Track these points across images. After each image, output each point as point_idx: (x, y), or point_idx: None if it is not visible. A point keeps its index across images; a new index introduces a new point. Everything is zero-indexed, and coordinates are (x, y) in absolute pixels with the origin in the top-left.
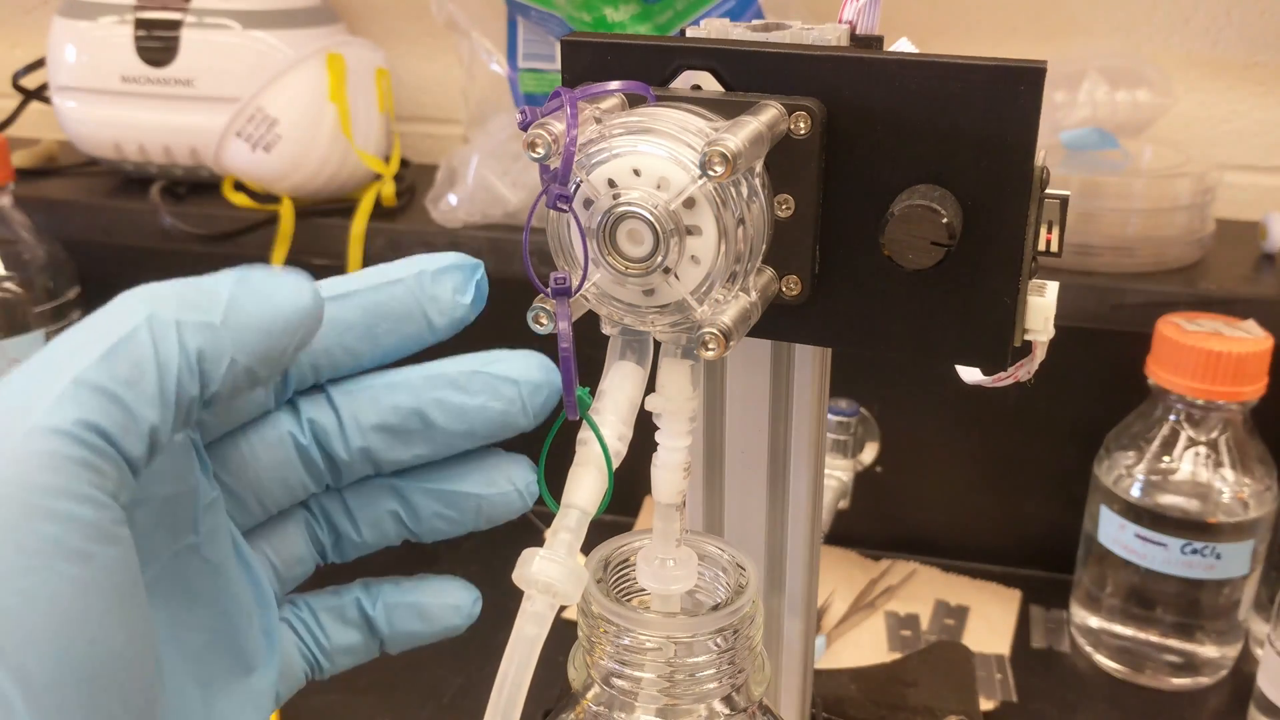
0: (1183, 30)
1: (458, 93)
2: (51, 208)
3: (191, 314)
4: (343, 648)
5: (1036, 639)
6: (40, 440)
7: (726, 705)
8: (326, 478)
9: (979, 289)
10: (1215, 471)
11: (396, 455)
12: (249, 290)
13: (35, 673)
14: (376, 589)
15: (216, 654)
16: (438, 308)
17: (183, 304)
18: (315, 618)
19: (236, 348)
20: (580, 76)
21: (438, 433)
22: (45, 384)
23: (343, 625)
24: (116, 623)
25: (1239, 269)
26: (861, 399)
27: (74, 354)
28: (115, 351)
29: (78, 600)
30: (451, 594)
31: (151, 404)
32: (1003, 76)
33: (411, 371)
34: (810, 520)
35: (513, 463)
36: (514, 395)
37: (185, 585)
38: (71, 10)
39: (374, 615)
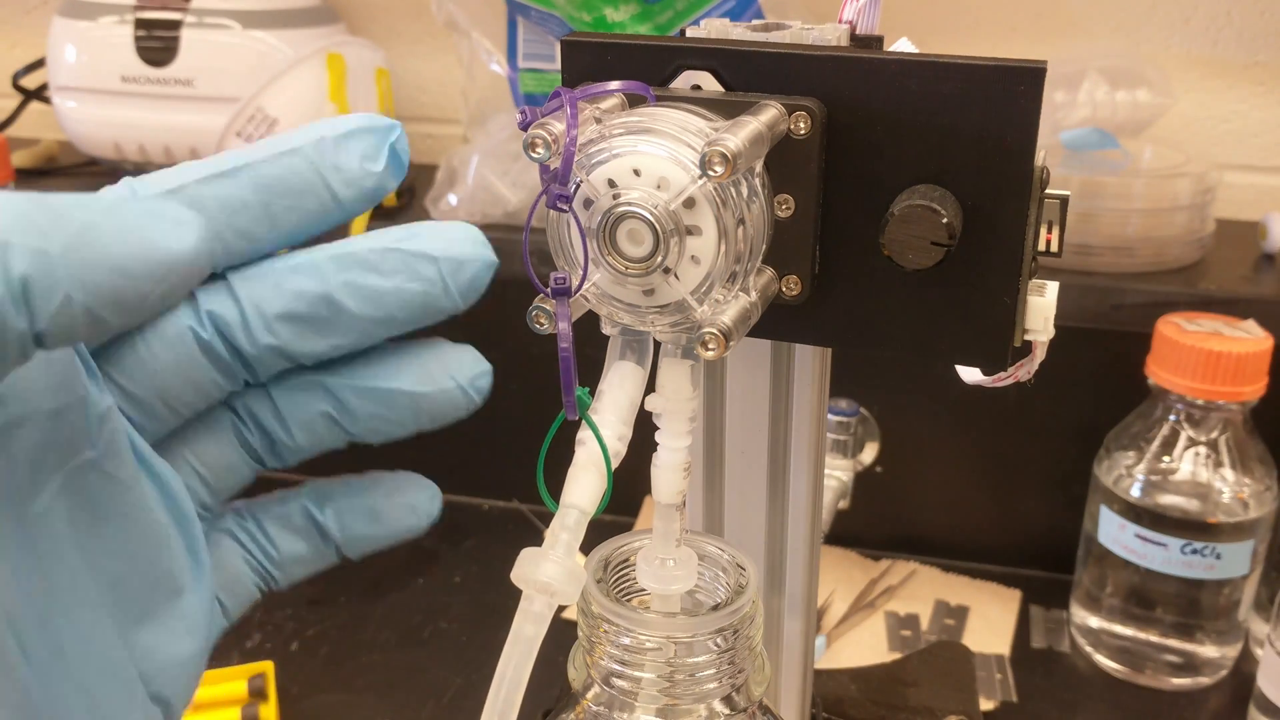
0: (1183, 30)
1: (458, 93)
2: None
3: (26, 236)
4: (293, 557)
5: (1036, 639)
6: None
7: (726, 705)
8: (241, 374)
9: (979, 289)
10: (1215, 471)
11: (310, 347)
12: (114, 221)
13: None
14: (325, 491)
15: (135, 579)
16: (342, 178)
17: (21, 222)
18: (260, 527)
19: (73, 283)
20: (580, 76)
21: (351, 319)
22: None
23: (290, 533)
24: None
25: (1239, 269)
26: (861, 399)
27: None
28: None
29: None
30: (407, 492)
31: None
32: (1003, 76)
33: (318, 252)
34: (810, 520)
35: (455, 352)
36: (433, 274)
37: (89, 507)
38: (71, 10)
39: (323, 520)
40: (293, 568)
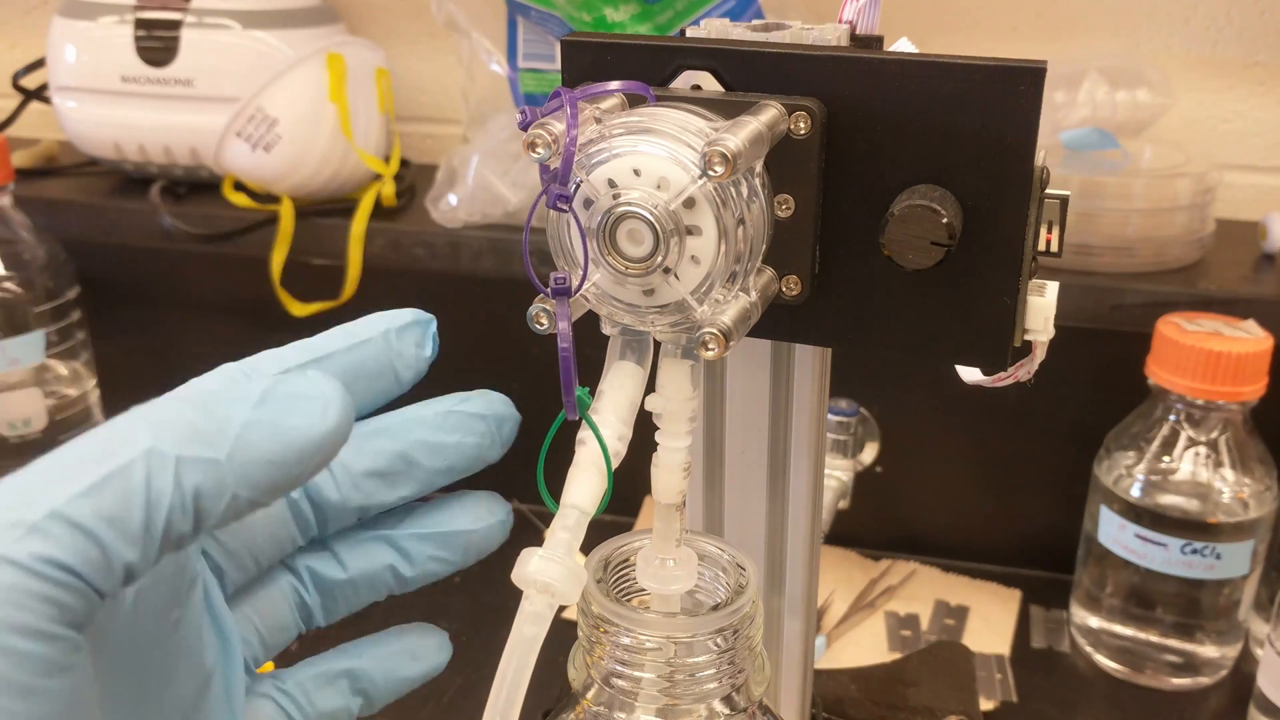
0: (1183, 30)
1: (458, 93)
2: (51, 208)
3: (195, 447)
4: (325, 713)
5: (1036, 639)
6: (2, 572)
7: (726, 705)
8: (313, 529)
9: (979, 289)
10: (1215, 471)
11: (384, 498)
12: (268, 415)
13: None
14: (359, 648)
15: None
16: (404, 363)
17: (188, 435)
18: (298, 685)
19: (240, 483)
20: (580, 76)
21: (420, 471)
22: (22, 508)
23: (326, 689)
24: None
25: (1239, 269)
26: (861, 399)
27: (62, 479)
28: (104, 484)
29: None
30: (432, 638)
31: (133, 543)
32: (1003, 76)
33: (390, 418)
34: (810, 520)
35: (489, 497)
36: (485, 429)
37: (152, 654)
38: (71, 10)
39: (361, 669)
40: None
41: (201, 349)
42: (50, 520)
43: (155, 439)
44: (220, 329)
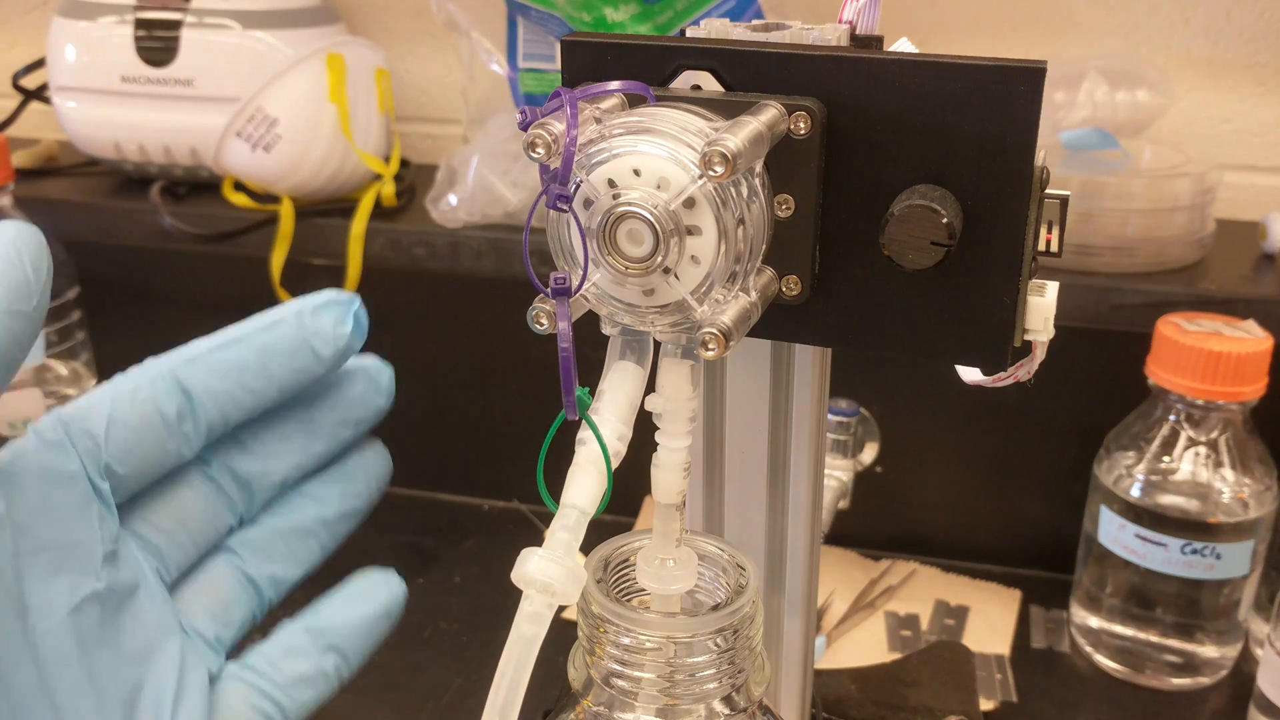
0: (1183, 30)
1: (458, 93)
2: (51, 208)
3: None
4: (298, 678)
5: (1036, 639)
6: None
7: (726, 705)
8: (240, 506)
9: (979, 289)
10: (1215, 471)
11: (300, 458)
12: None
13: None
14: (313, 606)
15: (136, 704)
16: (321, 339)
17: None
18: (264, 659)
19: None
20: (580, 76)
21: (322, 427)
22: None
23: (292, 655)
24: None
25: (1239, 269)
26: (861, 399)
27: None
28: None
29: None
30: (375, 575)
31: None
32: (1003, 76)
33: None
34: (810, 520)
35: (364, 441)
36: (365, 379)
37: (94, 632)
38: (71, 10)
39: (318, 622)
40: (297, 690)
41: None
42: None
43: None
44: (220, 329)
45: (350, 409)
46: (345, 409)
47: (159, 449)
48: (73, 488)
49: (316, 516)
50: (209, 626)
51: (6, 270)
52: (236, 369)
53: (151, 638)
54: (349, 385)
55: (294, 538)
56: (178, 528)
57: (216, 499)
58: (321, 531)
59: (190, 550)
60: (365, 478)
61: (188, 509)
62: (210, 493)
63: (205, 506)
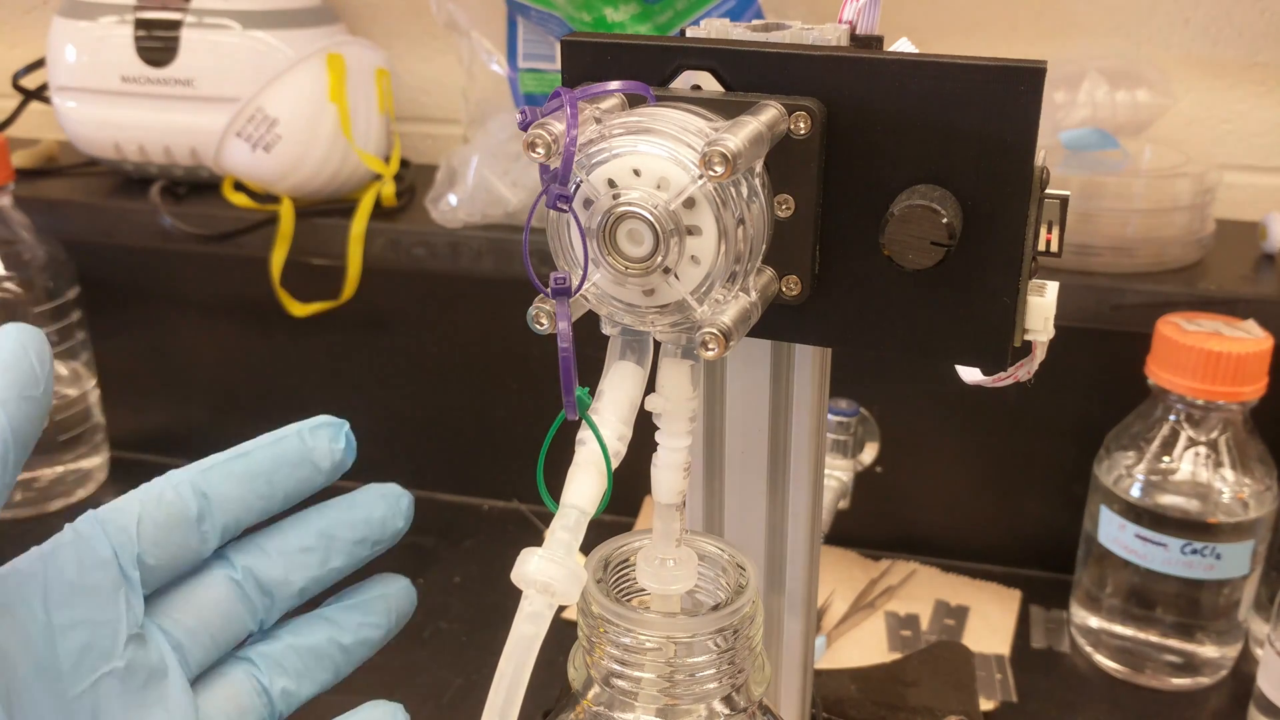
0: (1183, 30)
1: (458, 93)
2: (51, 208)
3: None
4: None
5: (1036, 639)
6: None
7: (726, 705)
8: (260, 611)
9: (979, 289)
10: (1215, 471)
11: (317, 573)
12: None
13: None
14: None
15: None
16: (319, 454)
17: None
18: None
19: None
20: (580, 76)
21: (341, 544)
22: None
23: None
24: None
25: (1239, 269)
26: (861, 399)
27: None
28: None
29: None
30: (382, 708)
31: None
32: (1003, 76)
33: (308, 509)
34: (810, 520)
35: (395, 575)
36: (385, 504)
37: (114, 706)
38: (71, 10)
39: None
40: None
41: (201, 349)
42: None
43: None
44: (220, 329)
45: (369, 530)
46: (364, 529)
47: (183, 544)
48: (105, 572)
49: (333, 640)
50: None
51: (14, 363)
52: (248, 477)
53: (170, 716)
54: (370, 508)
55: (310, 657)
56: (200, 625)
57: (239, 602)
58: (337, 655)
59: (210, 649)
60: (385, 610)
61: (210, 608)
62: (233, 595)
63: (228, 608)
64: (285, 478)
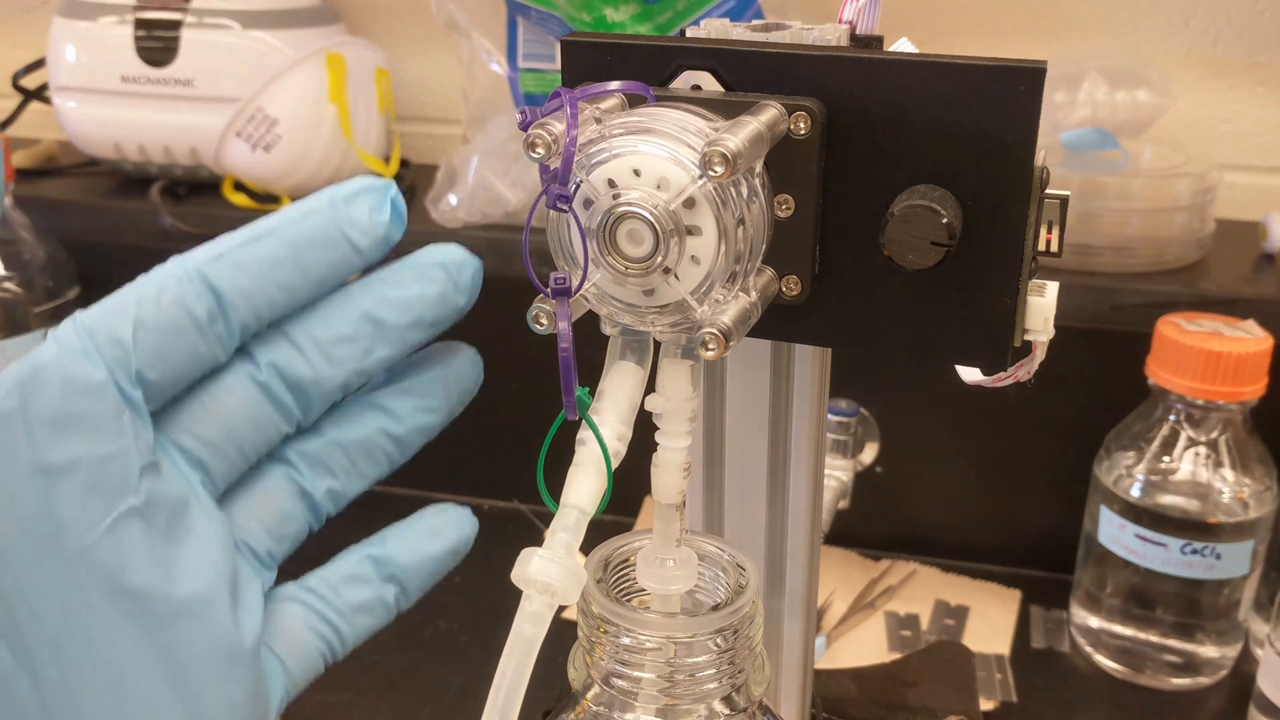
0: (1183, 30)
1: (458, 93)
2: (51, 208)
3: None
4: (357, 605)
5: (1036, 639)
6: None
7: (726, 705)
8: (295, 411)
9: (979, 289)
10: (1215, 471)
11: (361, 364)
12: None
13: None
14: (380, 535)
15: (184, 629)
16: (358, 229)
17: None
18: (324, 583)
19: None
20: (580, 76)
21: (389, 329)
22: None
23: (353, 582)
24: None
25: (1239, 269)
26: (861, 399)
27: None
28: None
29: None
30: (451, 512)
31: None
32: (1003, 76)
33: (352, 285)
34: (810, 520)
35: (455, 344)
36: (443, 276)
37: (137, 548)
38: (71, 10)
39: (384, 553)
40: (356, 617)
41: None
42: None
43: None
44: None
45: (424, 309)
46: (419, 309)
47: (192, 352)
48: (101, 397)
49: (383, 430)
50: (262, 541)
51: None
52: (268, 264)
53: (204, 552)
54: (424, 282)
55: (357, 451)
56: (223, 437)
57: (267, 405)
58: (389, 445)
59: (238, 461)
60: (445, 390)
61: (233, 417)
62: (259, 399)
63: (254, 414)
64: (315, 261)
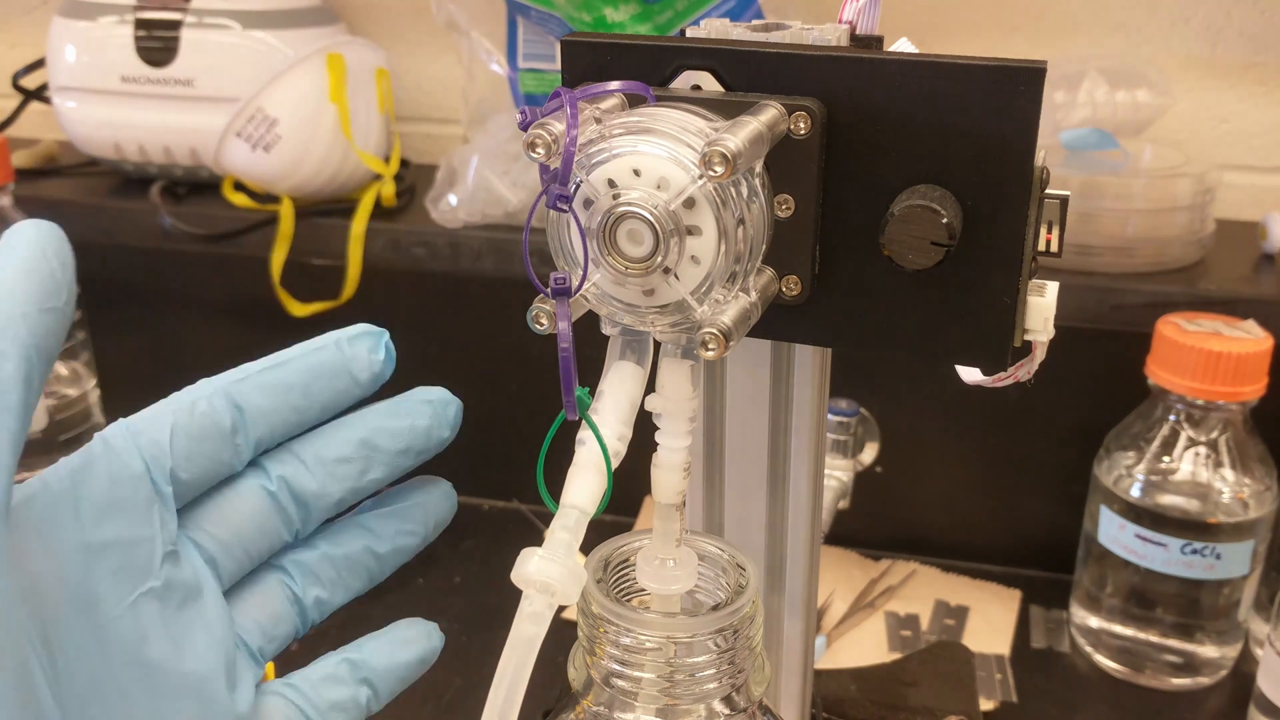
0: (1183, 30)
1: (458, 93)
2: (51, 208)
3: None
4: (333, 703)
5: (1036, 639)
6: None
7: (726, 705)
8: (296, 522)
9: (979, 289)
10: (1215, 471)
11: (356, 484)
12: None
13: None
14: (357, 642)
15: (183, 700)
16: (358, 365)
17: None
18: (305, 680)
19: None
20: (580, 76)
21: (382, 454)
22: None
23: (332, 683)
24: None
25: (1239, 269)
26: (861, 399)
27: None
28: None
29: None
30: (419, 626)
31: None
32: (1003, 76)
33: (352, 415)
34: (810, 520)
35: (435, 479)
36: (432, 411)
37: (151, 626)
38: (71, 10)
39: (360, 658)
40: (331, 715)
41: (201, 349)
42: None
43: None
44: (220, 329)
45: (413, 439)
46: (408, 439)
47: (216, 458)
48: (138, 488)
49: (368, 549)
50: (255, 637)
51: (33, 270)
52: (283, 388)
53: (211, 638)
54: (414, 415)
55: (344, 566)
56: (233, 539)
57: (274, 514)
58: (372, 563)
59: (244, 561)
60: (423, 517)
61: (244, 521)
62: (268, 507)
63: (262, 520)
64: (322, 389)
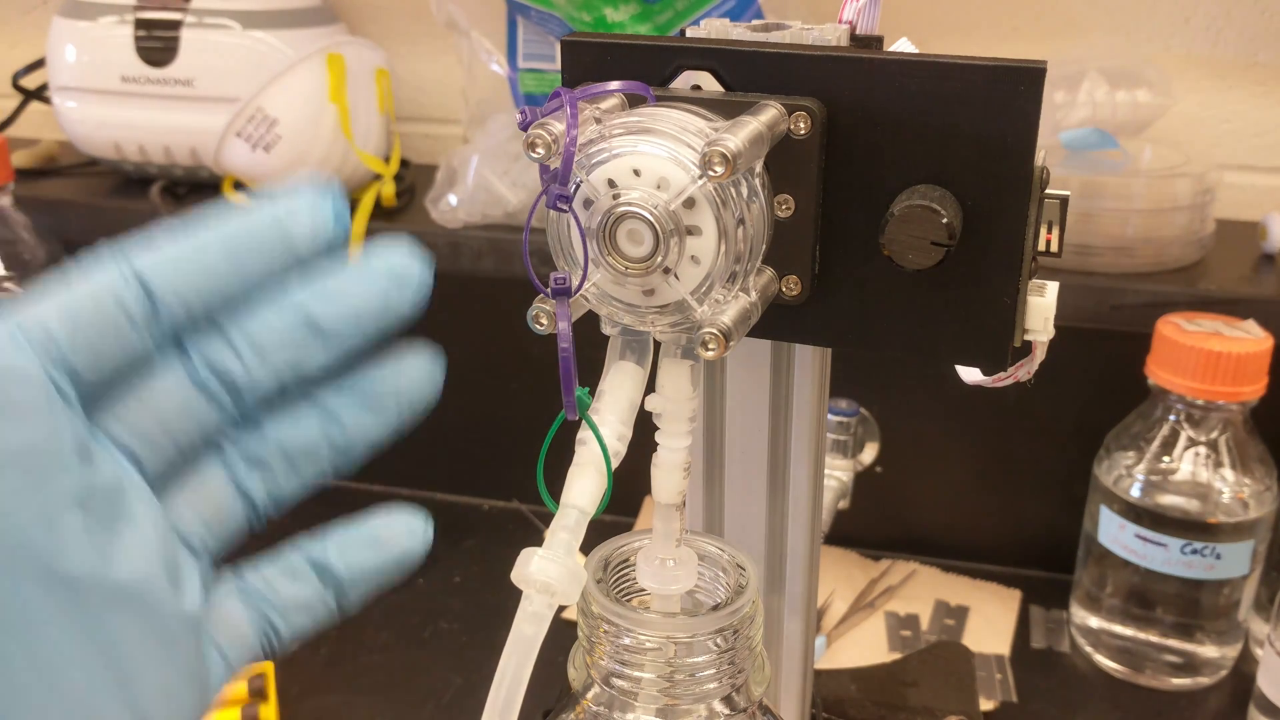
0: (1183, 30)
1: (458, 93)
2: (51, 208)
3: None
4: (294, 602)
5: (1036, 639)
6: None
7: (726, 705)
8: (230, 408)
9: (979, 289)
10: (1215, 471)
11: (297, 363)
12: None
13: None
14: (323, 534)
15: (122, 614)
16: (297, 223)
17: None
18: (260, 576)
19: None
20: (580, 76)
21: (328, 333)
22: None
23: (290, 578)
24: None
25: (1239, 269)
26: (861, 399)
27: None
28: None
29: None
30: (400, 516)
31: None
32: (1003, 76)
33: (288, 288)
34: (810, 520)
35: (411, 350)
36: (390, 278)
37: (76, 532)
38: (71, 10)
39: (323, 557)
40: (294, 615)
41: None
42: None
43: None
44: None
45: (366, 311)
46: (357, 312)
47: (124, 347)
48: (33, 389)
49: (325, 434)
50: (198, 531)
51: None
52: (201, 261)
53: (141, 538)
54: (367, 282)
55: (297, 452)
56: (156, 428)
57: (199, 399)
58: (330, 450)
59: (171, 452)
60: (395, 399)
61: (166, 409)
62: (195, 394)
63: (190, 406)
64: (251, 258)
